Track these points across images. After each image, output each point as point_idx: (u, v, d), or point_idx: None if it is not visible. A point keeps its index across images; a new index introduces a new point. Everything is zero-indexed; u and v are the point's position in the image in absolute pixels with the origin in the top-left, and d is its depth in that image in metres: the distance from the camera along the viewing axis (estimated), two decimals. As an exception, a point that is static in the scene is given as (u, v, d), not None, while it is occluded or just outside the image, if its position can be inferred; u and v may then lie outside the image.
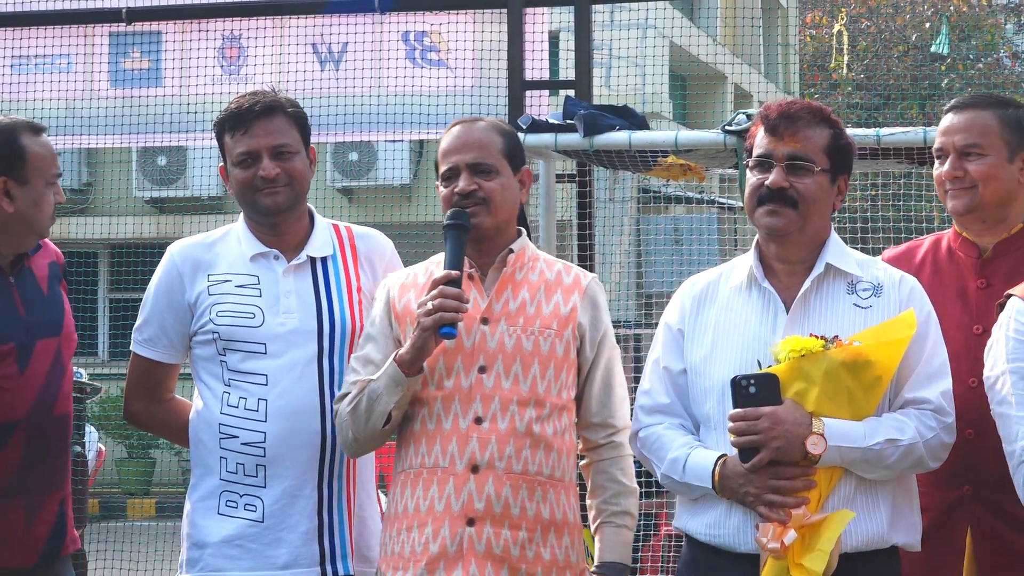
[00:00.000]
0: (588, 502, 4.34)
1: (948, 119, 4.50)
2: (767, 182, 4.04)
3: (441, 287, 4.06)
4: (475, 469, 4.10)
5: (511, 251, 4.25)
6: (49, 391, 4.50)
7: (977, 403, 4.14)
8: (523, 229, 4.34)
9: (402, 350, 4.11)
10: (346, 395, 4.23)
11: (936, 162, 4.50)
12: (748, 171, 4.10)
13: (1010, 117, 4.47)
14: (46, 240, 4.71)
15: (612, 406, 4.29)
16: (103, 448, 13.38)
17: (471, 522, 4.08)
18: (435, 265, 4.29)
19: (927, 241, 4.63)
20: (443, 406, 4.14)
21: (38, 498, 4.50)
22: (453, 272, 4.09)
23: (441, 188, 4.25)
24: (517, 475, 4.10)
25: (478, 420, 4.12)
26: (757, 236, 4.16)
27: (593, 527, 4.32)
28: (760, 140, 4.09)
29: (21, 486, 4.46)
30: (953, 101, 4.56)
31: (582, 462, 4.35)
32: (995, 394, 3.97)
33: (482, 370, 4.14)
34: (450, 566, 4.07)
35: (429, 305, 4.05)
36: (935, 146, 4.51)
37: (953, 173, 4.44)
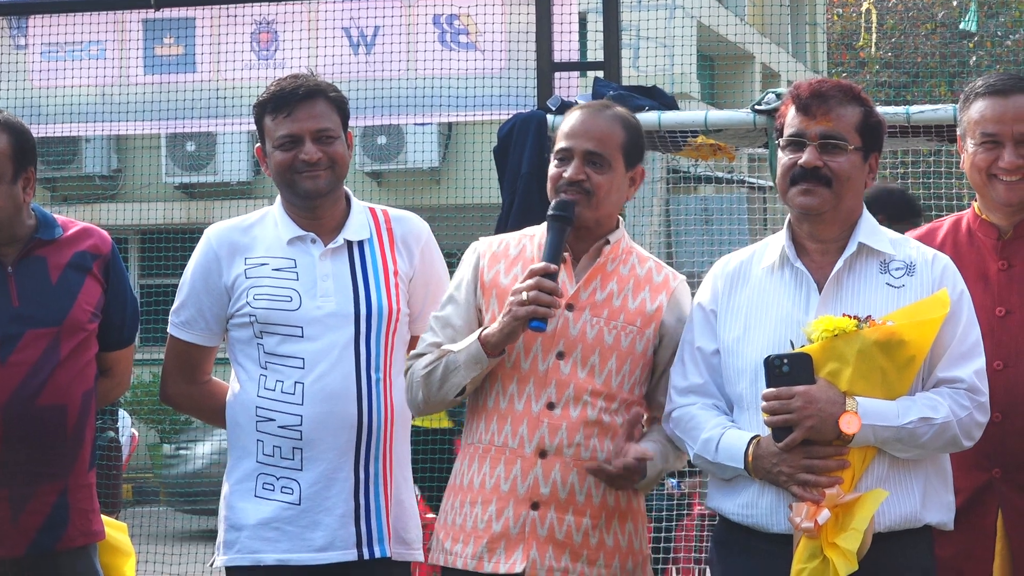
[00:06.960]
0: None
1: (996, 104, 4.31)
2: (800, 161, 4.02)
3: (538, 279, 4.01)
4: (543, 454, 4.09)
5: (607, 242, 4.22)
6: (33, 381, 4.40)
7: (1004, 385, 4.13)
8: (621, 219, 4.29)
9: (488, 330, 4.07)
10: (421, 355, 4.21)
11: (977, 148, 4.33)
12: (780, 151, 4.09)
13: None
14: (91, 228, 4.63)
15: None
16: (136, 433, 13.42)
17: (535, 506, 4.08)
18: (528, 239, 4.26)
19: (947, 222, 4.53)
20: (517, 387, 4.12)
21: (25, 489, 4.40)
22: (552, 266, 4.04)
23: (552, 167, 4.21)
24: (584, 462, 4.09)
25: (550, 405, 4.10)
26: (789, 216, 4.14)
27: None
28: (792, 119, 4.07)
29: (3, 477, 4.39)
30: (989, 85, 4.35)
31: None
32: None
33: (560, 356, 4.11)
34: (511, 546, 4.08)
35: (524, 296, 4.00)
36: (984, 131, 4.31)
37: (1016, 162, 4.29)
